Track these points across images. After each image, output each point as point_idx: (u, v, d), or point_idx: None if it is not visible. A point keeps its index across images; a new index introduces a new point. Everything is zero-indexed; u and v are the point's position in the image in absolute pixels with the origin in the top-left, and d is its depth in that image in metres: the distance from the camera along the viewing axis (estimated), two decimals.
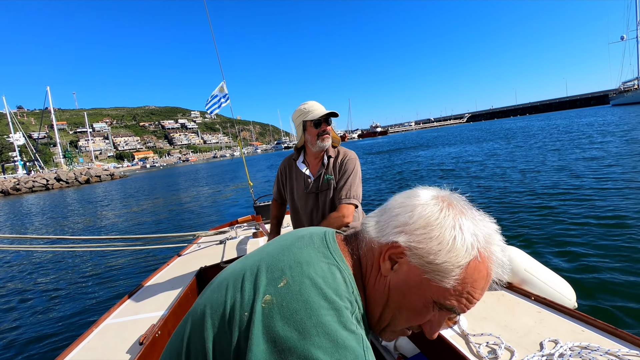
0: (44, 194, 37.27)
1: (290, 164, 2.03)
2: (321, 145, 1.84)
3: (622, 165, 8.34)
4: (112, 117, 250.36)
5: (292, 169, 2.02)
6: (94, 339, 1.60)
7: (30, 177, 46.06)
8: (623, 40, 68.61)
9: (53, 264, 6.86)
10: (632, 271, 3.17)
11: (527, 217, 5.32)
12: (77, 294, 4.92)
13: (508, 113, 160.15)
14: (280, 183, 2.10)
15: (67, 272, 6.13)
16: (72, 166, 58.59)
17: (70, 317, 4.14)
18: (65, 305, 4.54)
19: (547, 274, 1.46)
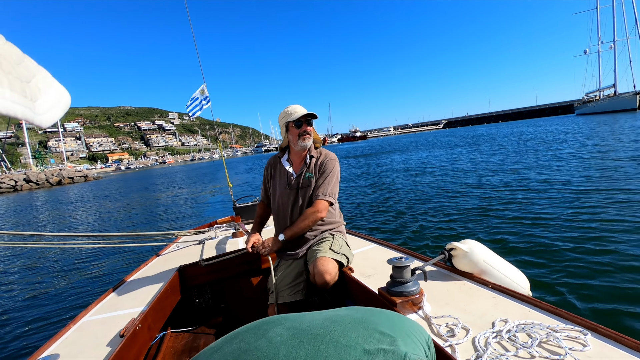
0: (12, 195, 35.83)
1: (276, 162, 2.17)
2: (302, 144, 1.98)
3: (563, 170, 9.38)
4: (85, 117, 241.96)
5: (276, 167, 2.16)
6: (72, 335, 1.60)
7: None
8: (586, 54, 72.91)
9: (28, 261, 6.69)
10: (574, 260, 3.63)
11: (475, 217, 6.08)
12: (53, 292, 4.79)
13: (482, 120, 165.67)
14: (266, 181, 2.22)
15: (43, 270, 5.98)
16: (43, 167, 56.45)
17: (46, 316, 4.04)
18: (41, 303, 4.43)
19: (504, 265, 1.59)
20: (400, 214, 6.84)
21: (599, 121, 36.95)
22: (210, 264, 2.25)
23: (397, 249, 2.14)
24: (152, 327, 1.72)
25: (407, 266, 1.35)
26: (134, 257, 5.85)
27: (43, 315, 4.07)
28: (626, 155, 10.60)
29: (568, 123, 42.60)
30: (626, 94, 58.92)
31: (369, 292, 1.57)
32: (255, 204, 3.55)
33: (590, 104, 69.20)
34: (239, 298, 2.51)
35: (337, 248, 1.92)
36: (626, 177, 7.26)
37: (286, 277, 2.01)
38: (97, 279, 5.13)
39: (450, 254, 1.64)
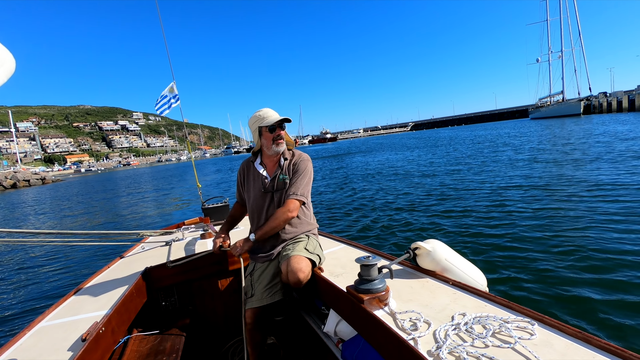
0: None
1: (249, 166, 2.16)
2: (276, 149, 2.00)
3: (498, 171, 10.64)
4: (39, 117, 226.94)
5: (249, 170, 2.15)
6: (28, 341, 1.51)
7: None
8: (538, 62, 78.57)
9: None
10: (520, 255, 4.07)
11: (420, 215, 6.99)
12: (4, 295, 4.49)
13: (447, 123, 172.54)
14: (240, 184, 2.22)
15: None
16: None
17: None
18: None
19: (464, 263, 1.68)
20: (357, 210, 7.61)
21: (547, 125, 40.39)
22: (177, 265, 2.23)
23: (365, 248, 2.21)
24: (116, 331, 1.68)
25: (374, 265, 1.42)
26: (96, 259, 5.57)
27: None
28: (553, 157, 12.12)
29: (520, 126, 45.83)
30: (572, 100, 64.23)
31: (337, 290, 1.63)
32: (225, 204, 3.52)
33: (542, 109, 74.63)
34: (208, 299, 2.48)
35: (312, 248, 1.95)
36: (560, 178, 8.28)
37: (263, 279, 1.99)
38: (55, 281, 4.81)
39: (415, 253, 1.73)
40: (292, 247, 1.94)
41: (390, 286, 1.47)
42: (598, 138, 16.84)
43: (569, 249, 4.04)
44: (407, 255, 1.74)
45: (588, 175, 8.19)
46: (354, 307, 1.44)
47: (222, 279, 2.50)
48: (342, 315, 1.65)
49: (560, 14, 67.71)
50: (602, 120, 35.23)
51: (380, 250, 2.16)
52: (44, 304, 4.09)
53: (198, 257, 2.25)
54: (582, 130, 23.70)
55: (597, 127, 25.74)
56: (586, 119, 43.50)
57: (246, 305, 1.95)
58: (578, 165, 9.82)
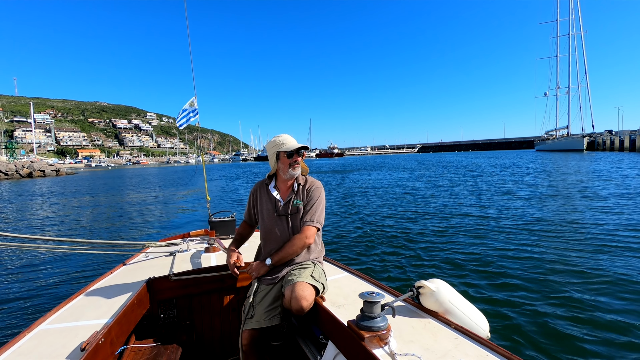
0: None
1: (262, 188, 2.18)
2: (292, 173, 2.05)
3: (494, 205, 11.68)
4: (57, 110, 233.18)
5: (263, 193, 2.17)
6: (27, 344, 1.52)
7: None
8: (546, 96, 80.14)
9: None
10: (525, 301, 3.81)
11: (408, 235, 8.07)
12: (7, 296, 4.51)
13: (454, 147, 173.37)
14: (251, 205, 2.24)
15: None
16: (14, 158, 55.16)
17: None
18: None
19: (468, 306, 1.65)
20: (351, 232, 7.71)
21: (549, 158, 41.45)
22: (180, 278, 2.23)
23: (368, 279, 2.18)
24: (114, 342, 1.67)
25: (378, 302, 1.40)
26: (99, 264, 5.64)
27: None
28: (549, 192, 13.19)
29: (523, 157, 46.68)
30: (576, 135, 65.44)
31: (338, 323, 1.60)
32: (231, 220, 3.52)
33: (547, 141, 75.83)
34: (206, 316, 2.46)
35: (317, 276, 1.95)
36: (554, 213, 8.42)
37: (264, 301, 1.98)
38: (57, 284, 4.86)
39: (419, 291, 1.70)
40: (297, 273, 1.94)
41: (391, 324, 1.45)
42: (580, 176, 17.87)
43: (576, 300, 3.82)
44: (410, 293, 1.72)
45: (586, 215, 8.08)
46: (354, 344, 1.42)
47: (223, 296, 2.49)
48: (340, 350, 1.62)
49: (569, 52, 69.72)
50: (601, 157, 35.90)
51: (381, 281, 2.16)
52: (45, 304, 4.15)
53: (201, 272, 2.27)
54: (577, 166, 24.71)
55: (590, 164, 26.75)
56: (588, 155, 44.30)
57: (244, 326, 1.93)
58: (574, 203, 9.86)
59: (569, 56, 69.88)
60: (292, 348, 2.32)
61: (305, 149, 2.09)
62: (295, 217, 2.06)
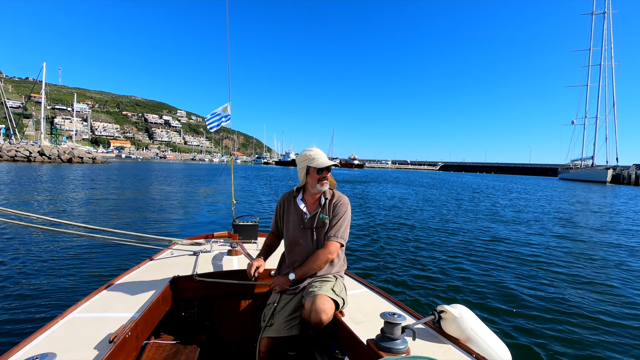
0: (24, 164, 38.86)
1: (290, 200, 2.22)
2: (320, 188, 2.09)
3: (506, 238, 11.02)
4: (95, 101, 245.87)
5: (290, 204, 2.21)
6: (59, 330, 1.58)
7: (13, 146, 47.49)
8: (573, 124, 78.85)
9: (18, 243, 6.50)
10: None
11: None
12: (41, 280, 4.70)
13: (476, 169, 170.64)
14: (278, 215, 2.27)
15: (34, 255, 5.84)
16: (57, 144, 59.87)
17: (30, 304, 3.94)
18: (26, 291, 4.31)
19: (490, 336, 1.61)
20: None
21: (570, 187, 41.42)
22: (203, 280, 2.27)
23: (389, 298, 2.16)
24: (139, 337, 1.73)
25: (399, 324, 1.38)
26: (126, 257, 5.87)
27: (27, 304, 3.96)
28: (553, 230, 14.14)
29: (543, 185, 45.93)
30: (600, 167, 64.07)
31: (357, 340, 1.59)
32: (255, 224, 3.56)
33: (571, 170, 74.46)
34: (226, 318, 2.50)
35: (338, 290, 1.96)
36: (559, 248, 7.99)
37: (284, 310, 2.01)
38: (88, 272, 5.08)
39: (440, 315, 1.68)
40: (319, 286, 1.95)
41: (411, 347, 1.44)
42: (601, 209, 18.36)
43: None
44: (432, 317, 1.70)
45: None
46: None
47: (242, 300, 2.53)
48: None
49: (599, 82, 68.69)
50: (624, 192, 34.86)
51: (402, 301, 2.14)
52: (78, 290, 4.34)
53: (224, 275, 2.32)
54: (597, 199, 24.96)
55: (606, 199, 26.86)
56: (611, 188, 43.54)
57: (263, 333, 1.96)
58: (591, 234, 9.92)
59: (599, 86, 68.91)
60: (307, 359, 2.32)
61: (336, 165, 2.16)
62: (321, 231, 2.09)
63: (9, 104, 69.22)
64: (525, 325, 3.86)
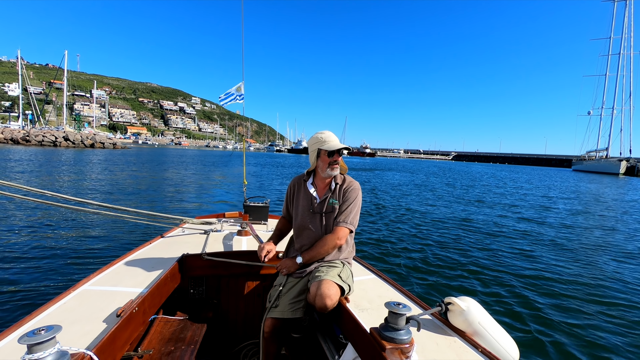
0: (51, 149, 41.18)
1: (300, 184, 2.20)
2: (330, 173, 2.05)
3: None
4: (112, 87, 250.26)
5: (300, 188, 2.19)
6: (71, 302, 1.64)
7: (40, 131, 50.27)
8: (589, 115, 77.23)
9: (41, 218, 6.91)
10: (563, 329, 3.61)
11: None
12: (57, 253, 4.92)
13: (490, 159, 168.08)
14: (288, 199, 2.26)
15: (52, 230, 6.16)
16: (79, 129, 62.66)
17: (45, 275, 4.14)
18: (42, 263, 4.54)
19: (498, 330, 1.57)
20: None
21: (582, 178, 41.44)
22: (212, 259, 2.30)
23: (395, 286, 2.14)
24: (147, 312, 1.76)
25: (404, 315, 1.35)
26: (138, 233, 6.13)
27: (43, 274, 4.17)
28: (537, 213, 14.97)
29: (562, 177, 44.59)
30: (613, 158, 63.22)
31: (360, 328, 1.58)
32: (265, 205, 3.56)
33: (585, 162, 73.46)
34: (233, 297, 2.53)
35: (345, 277, 1.94)
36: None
37: (290, 292, 2.02)
38: (101, 248, 5.27)
39: (447, 307, 1.65)
40: (325, 271, 1.94)
41: (415, 337, 1.41)
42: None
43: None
44: (438, 308, 1.67)
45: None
46: (375, 352, 1.39)
47: (249, 281, 2.54)
48: (360, 355, 1.59)
49: (617, 72, 67.03)
50: (631, 184, 34.52)
51: (406, 288, 2.12)
52: (90, 263, 4.61)
53: (232, 255, 2.34)
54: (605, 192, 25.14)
55: (614, 190, 26.99)
56: (625, 180, 43.10)
57: (268, 314, 1.98)
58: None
59: (617, 76, 67.31)
60: (311, 343, 2.32)
61: (347, 149, 2.09)
62: (330, 216, 2.06)
63: (30, 89, 72.15)
64: (536, 321, 3.75)
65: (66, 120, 61.52)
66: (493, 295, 4.44)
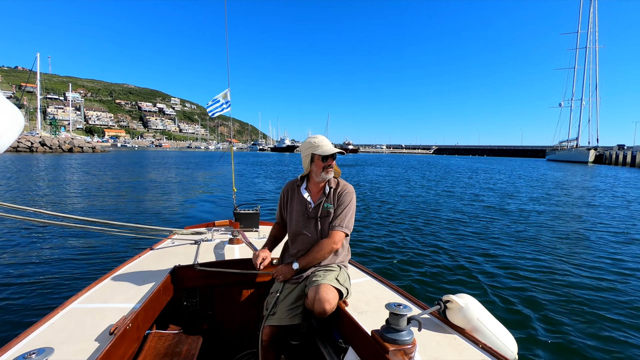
0: (27, 155, 40.22)
1: (294, 189, 2.18)
2: (324, 176, 2.04)
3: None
4: (87, 89, 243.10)
5: (294, 193, 2.16)
6: (60, 321, 1.57)
7: None
8: (560, 106, 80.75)
9: (18, 237, 6.39)
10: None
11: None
12: (40, 272, 4.66)
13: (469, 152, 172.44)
14: (282, 205, 2.23)
15: (33, 247, 5.78)
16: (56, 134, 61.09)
17: (30, 296, 3.94)
18: (25, 283, 4.30)
19: (496, 326, 1.59)
20: None
21: (553, 167, 43.36)
22: (204, 269, 2.26)
23: (392, 287, 2.14)
24: (140, 327, 1.72)
25: (405, 315, 1.35)
26: (126, 247, 5.82)
27: (27, 295, 3.95)
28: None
29: (536, 166, 47.15)
30: (582, 148, 66.44)
31: (361, 331, 1.57)
32: (256, 212, 3.52)
33: (557, 152, 76.93)
34: (227, 307, 2.48)
35: (342, 280, 1.94)
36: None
37: (287, 299, 2.00)
38: (88, 265, 5.01)
39: (446, 305, 1.66)
40: (322, 275, 1.93)
41: (416, 338, 1.40)
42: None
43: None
44: (437, 307, 1.68)
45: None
46: (377, 355, 1.38)
47: (244, 289, 2.50)
48: (362, 358, 1.57)
49: (585, 65, 70.36)
50: (598, 172, 36.07)
51: (405, 289, 2.11)
52: (76, 282, 4.32)
53: (225, 265, 2.30)
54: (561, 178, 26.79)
55: (568, 177, 28.52)
56: (592, 168, 45.03)
57: (266, 322, 1.95)
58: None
59: (584, 69, 70.68)
60: (310, 349, 2.30)
61: (341, 153, 2.08)
62: (325, 220, 2.05)
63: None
64: (534, 317, 3.71)
65: (41, 124, 59.84)
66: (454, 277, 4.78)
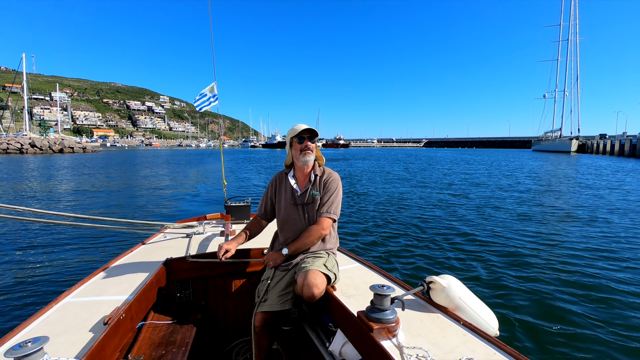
0: (17, 156, 40.30)
1: (281, 177, 2.23)
2: (304, 159, 2.06)
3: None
4: (73, 89, 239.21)
5: (282, 182, 2.21)
6: (55, 314, 1.60)
7: (4, 139, 48.69)
8: (545, 98, 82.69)
9: (11, 235, 6.50)
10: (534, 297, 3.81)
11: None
12: (34, 269, 4.72)
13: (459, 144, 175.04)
14: (268, 195, 2.26)
15: (26, 245, 5.84)
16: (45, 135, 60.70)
17: (24, 292, 3.98)
18: (19, 280, 4.32)
19: (478, 303, 1.66)
20: None
21: (537, 157, 44.77)
22: (196, 261, 2.31)
23: (380, 272, 2.20)
24: (134, 318, 1.75)
25: (388, 295, 1.40)
26: (119, 242, 5.85)
27: (21, 292, 3.98)
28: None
29: (521, 157, 48.49)
30: (565, 137, 68.39)
31: (348, 313, 1.63)
32: (247, 205, 3.55)
33: (542, 142, 79.08)
34: (220, 297, 2.53)
35: (330, 266, 1.98)
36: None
37: (277, 285, 2.04)
38: (80, 259, 5.03)
39: (429, 286, 1.70)
40: (311, 261, 1.97)
41: (400, 317, 1.46)
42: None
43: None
44: (421, 288, 1.73)
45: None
46: (363, 334, 1.45)
47: (235, 280, 2.54)
48: (349, 339, 1.65)
49: (567, 56, 72.16)
50: (577, 161, 37.35)
51: (392, 274, 2.17)
52: (70, 277, 4.36)
53: (216, 256, 2.27)
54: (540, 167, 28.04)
55: (548, 166, 29.87)
56: (575, 157, 46.46)
57: (257, 309, 2.00)
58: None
59: (567, 60, 72.49)
60: (301, 333, 2.36)
61: (313, 132, 2.10)
62: (312, 207, 2.09)
63: None
64: (514, 295, 3.89)
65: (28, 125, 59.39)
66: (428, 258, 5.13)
